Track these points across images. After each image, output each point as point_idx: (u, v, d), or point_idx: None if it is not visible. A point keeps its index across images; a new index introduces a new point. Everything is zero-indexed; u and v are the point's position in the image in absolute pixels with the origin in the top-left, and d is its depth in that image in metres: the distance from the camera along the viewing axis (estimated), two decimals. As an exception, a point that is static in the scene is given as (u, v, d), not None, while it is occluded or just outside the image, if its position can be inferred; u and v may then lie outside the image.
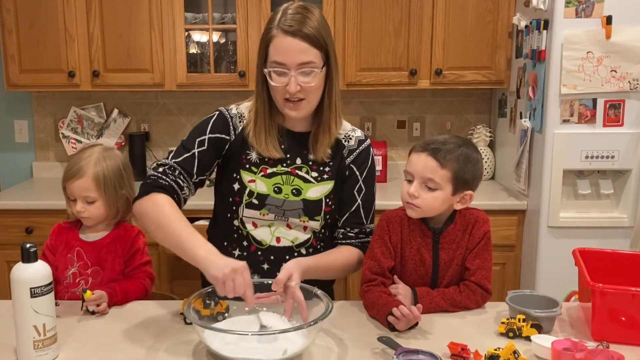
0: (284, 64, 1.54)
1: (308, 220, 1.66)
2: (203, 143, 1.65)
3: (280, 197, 1.65)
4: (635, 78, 2.44)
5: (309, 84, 1.55)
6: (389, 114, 3.35)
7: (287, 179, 1.66)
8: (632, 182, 2.52)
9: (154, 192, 1.57)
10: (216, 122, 1.68)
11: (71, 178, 1.69)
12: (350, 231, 1.71)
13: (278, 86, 1.56)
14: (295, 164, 1.67)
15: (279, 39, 1.54)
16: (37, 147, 3.40)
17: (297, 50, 1.53)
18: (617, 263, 1.60)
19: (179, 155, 1.64)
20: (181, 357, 1.35)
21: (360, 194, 1.71)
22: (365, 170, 1.72)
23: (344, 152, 1.71)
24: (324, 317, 1.31)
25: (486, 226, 1.61)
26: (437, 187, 1.53)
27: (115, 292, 1.62)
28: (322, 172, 1.68)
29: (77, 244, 1.72)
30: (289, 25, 1.53)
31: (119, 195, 1.73)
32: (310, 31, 1.53)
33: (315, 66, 1.55)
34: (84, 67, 2.97)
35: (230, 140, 1.67)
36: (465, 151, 1.54)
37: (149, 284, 1.73)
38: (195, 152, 1.64)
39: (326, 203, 1.67)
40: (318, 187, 1.67)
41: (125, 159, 1.81)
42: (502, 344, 1.32)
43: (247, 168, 1.66)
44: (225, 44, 3.19)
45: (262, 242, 1.68)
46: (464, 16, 2.91)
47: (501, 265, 2.79)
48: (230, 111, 1.70)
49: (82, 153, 1.73)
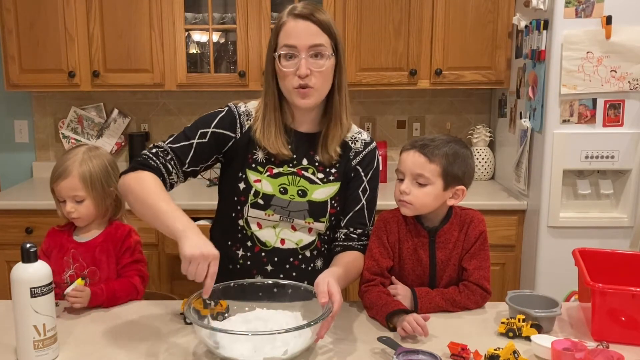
0: (295, 46, 1.55)
1: (313, 221, 1.66)
2: (205, 135, 1.64)
3: (286, 197, 1.64)
4: (635, 78, 2.44)
5: (319, 68, 1.56)
6: (389, 114, 3.35)
7: (293, 180, 1.65)
8: (632, 182, 2.52)
9: (140, 169, 1.58)
10: (223, 118, 1.67)
11: (58, 179, 1.71)
12: (354, 232, 1.70)
13: (288, 71, 1.56)
14: (302, 164, 1.67)
15: (290, 23, 1.56)
16: (37, 147, 3.40)
17: (308, 33, 1.55)
18: (617, 263, 1.60)
19: (177, 141, 1.64)
20: (181, 357, 1.35)
21: (365, 195, 1.71)
22: (371, 172, 1.73)
23: (350, 154, 1.71)
24: (324, 317, 1.31)
25: (482, 226, 1.61)
26: (428, 182, 1.54)
27: (102, 291, 1.62)
28: (328, 173, 1.68)
29: (71, 246, 1.73)
30: (300, 11, 1.56)
31: (107, 193, 1.73)
32: (322, 17, 1.56)
33: (325, 50, 1.56)
34: (84, 67, 2.97)
35: (235, 138, 1.66)
36: (454, 147, 1.56)
37: (139, 282, 1.71)
38: (194, 143, 1.63)
39: (332, 205, 1.67)
40: (324, 188, 1.67)
41: (111, 156, 1.81)
42: (502, 344, 1.32)
43: (253, 168, 1.65)
44: (225, 44, 3.19)
45: (266, 244, 1.67)
46: (464, 16, 2.91)
47: (501, 265, 2.79)
48: (239, 108, 1.69)
49: (67, 154, 1.75)
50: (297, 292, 1.49)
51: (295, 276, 1.67)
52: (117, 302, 1.65)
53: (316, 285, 1.39)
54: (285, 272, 1.67)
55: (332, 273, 1.45)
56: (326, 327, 1.35)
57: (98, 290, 1.62)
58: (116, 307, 1.63)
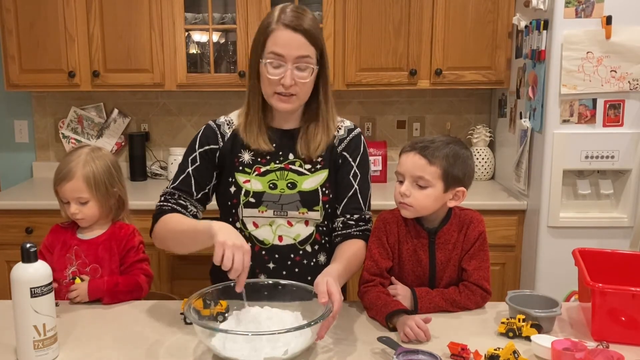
0: (283, 56, 1.58)
1: (307, 211, 1.67)
2: (195, 160, 1.70)
3: (276, 192, 1.67)
4: (635, 78, 2.44)
5: (303, 80, 1.60)
6: (388, 114, 3.35)
7: (282, 175, 1.68)
8: (632, 182, 2.52)
9: (159, 219, 1.65)
10: (203, 135, 1.73)
11: (62, 181, 1.71)
12: (350, 218, 1.71)
13: (273, 78, 1.59)
14: (288, 159, 1.70)
15: (279, 32, 1.58)
16: (37, 147, 3.40)
17: (297, 44, 1.57)
18: (617, 263, 1.60)
19: (176, 179, 1.71)
20: (181, 357, 1.35)
21: (356, 180, 1.73)
22: (358, 157, 1.74)
23: (335, 141, 1.73)
24: (324, 317, 1.31)
25: (481, 227, 1.61)
26: (428, 184, 1.53)
27: (103, 283, 1.64)
28: (315, 162, 1.70)
29: (75, 242, 1.73)
30: (290, 20, 1.57)
31: (110, 194, 1.74)
32: (310, 28, 1.59)
33: (311, 62, 1.60)
34: (84, 67, 2.97)
35: (219, 147, 1.71)
36: (454, 148, 1.55)
37: (144, 280, 1.72)
38: (190, 171, 1.70)
39: (323, 192, 1.69)
40: (312, 177, 1.69)
41: (114, 157, 1.82)
42: (502, 344, 1.32)
43: (241, 170, 1.69)
44: (225, 44, 3.19)
45: (264, 242, 1.68)
46: (464, 16, 2.91)
47: (501, 265, 2.79)
48: (217, 121, 1.75)
49: (70, 155, 1.75)
50: (297, 292, 1.49)
51: (297, 272, 1.68)
52: (119, 297, 1.65)
53: (316, 285, 1.40)
54: (287, 269, 1.69)
55: (331, 271, 1.46)
56: (327, 327, 1.35)
57: (99, 281, 1.62)
58: (116, 306, 1.63)
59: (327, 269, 1.48)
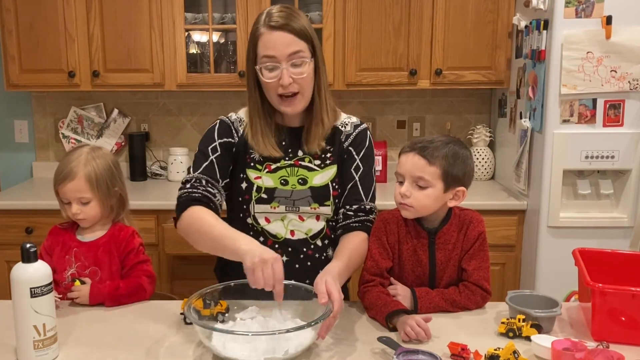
0: (274, 57, 1.58)
1: (318, 206, 1.69)
2: (216, 149, 1.69)
3: (288, 188, 1.68)
4: (635, 78, 2.44)
5: (301, 75, 1.60)
6: (388, 114, 3.35)
7: (292, 171, 1.69)
8: (632, 182, 2.52)
9: (191, 206, 1.61)
10: (220, 128, 1.73)
11: (63, 181, 1.69)
12: (350, 209, 1.71)
13: (271, 82, 1.60)
14: (298, 156, 1.71)
15: (266, 35, 1.59)
16: (37, 147, 3.40)
17: (285, 43, 1.58)
18: (617, 263, 1.60)
19: (199, 166, 1.68)
20: (181, 357, 1.35)
21: (357, 172, 1.73)
22: (363, 150, 1.75)
23: (342, 137, 1.74)
24: (324, 317, 1.31)
25: (481, 227, 1.61)
26: (428, 184, 1.53)
27: (104, 286, 1.63)
28: (324, 159, 1.72)
29: (74, 244, 1.72)
30: (275, 21, 1.58)
31: (112, 193, 1.74)
32: (296, 24, 1.59)
33: (304, 56, 1.60)
34: (84, 67, 2.97)
35: (235, 142, 1.72)
36: (453, 148, 1.55)
37: (147, 282, 1.71)
38: (213, 159, 1.68)
39: (333, 187, 1.70)
40: (323, 173, 1.70)
41: (114, 156, 1.82)
42: (502, 344, 1.32)
43: (252, 166, 1.70)
44: (225, 44, 3.19)
45: (277, 236, 1.69)
46: (464, 16, 2.91)
47: (501, 265, 2.79)
48: (230, 117, 1.75)
49: (70, 155, 1.74)
50: (297, 292, 1.49)
51: (310, 265, 1.70)
52: (121, 300, 1.64)
53: (315, 285, 1.40)
54: (300, 262, 1.70)
55: (331, 270, 1.46)
56: (328, 327, 1.35)
57: (101, 285, 1.62)
58: (116, 307, 1.63)
59: (327, 267, 1.49)
